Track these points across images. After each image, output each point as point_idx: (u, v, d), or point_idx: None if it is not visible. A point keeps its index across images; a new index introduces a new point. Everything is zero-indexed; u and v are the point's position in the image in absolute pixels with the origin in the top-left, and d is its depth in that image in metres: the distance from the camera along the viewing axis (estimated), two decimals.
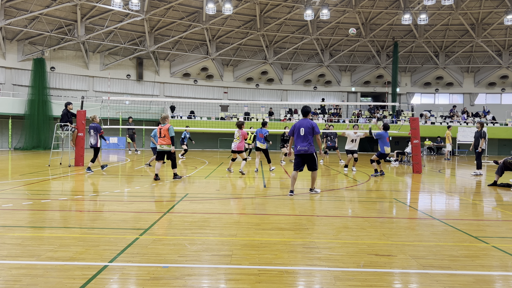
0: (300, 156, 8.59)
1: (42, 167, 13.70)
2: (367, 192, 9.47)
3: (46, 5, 27.03)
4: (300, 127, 8.53)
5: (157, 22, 31.13)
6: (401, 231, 5.51)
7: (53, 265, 3.87)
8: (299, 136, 8.53)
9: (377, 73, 36.36)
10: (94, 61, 31.71)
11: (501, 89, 36.14)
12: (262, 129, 13.78)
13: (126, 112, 28.89)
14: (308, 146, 8.45)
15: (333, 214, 6.63)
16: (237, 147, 12.67)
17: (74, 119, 14.67)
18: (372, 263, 4.14)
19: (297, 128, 8.58)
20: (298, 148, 8.54)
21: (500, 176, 10.97)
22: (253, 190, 9.20)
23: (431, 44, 35.04)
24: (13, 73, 28.74)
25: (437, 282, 3.67)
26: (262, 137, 13.65)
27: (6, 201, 7.08)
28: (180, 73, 34.32)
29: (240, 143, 12.65)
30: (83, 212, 6.48)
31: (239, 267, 3.93)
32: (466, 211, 7.30)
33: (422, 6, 30.32)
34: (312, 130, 8.46)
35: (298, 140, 8.55)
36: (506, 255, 4.53)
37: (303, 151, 8.50)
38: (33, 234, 5.01)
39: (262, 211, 6.76)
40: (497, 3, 31.09)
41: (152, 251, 4.35)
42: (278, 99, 36.27)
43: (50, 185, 9.34)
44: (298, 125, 8.61)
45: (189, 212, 6.56)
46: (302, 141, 8.48)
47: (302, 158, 8.59)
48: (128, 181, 10.56)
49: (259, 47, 34.62)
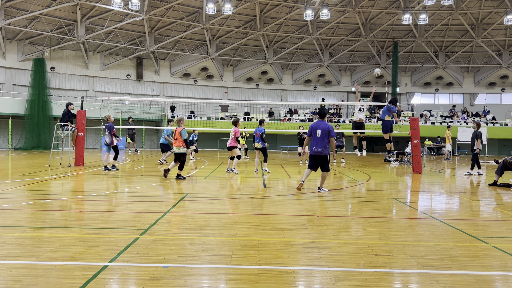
0: (314, 157, 8.90)
1: (42, 167, 13.70)
2: (367, 192, 9.47)
3: (46, 5, 27.03)
4: (317, 128, 8.77)
5: (157, 22, 31.13)
6: (401, 231, 5.51)
7: (53, 265, 3.87)
8: (316, 138, 8.78)
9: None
10: (94, 61, 31.71)
11: (501, 89, 36.14)
12: (258, 127, 13.42)
13: (126, 112, 28.88)
14: (323, 148, 8.74)
15: (333, 214, 6.63)
16: (229, 144, 12.69)
17: (74, 119, 14.68)
18: (372, 263, 4.15)
19: (314, 130, 8.81)
20: (313, 149, 8.83)
21: (500, 176, 10.97)
22: (253, 190, 9.20)
23: (431, 44, 35.04)
24: (13, 73, 28.74)
25: (437, 282, 3.67)
26: (257, 136, 13.30)
27: (6, 201, 7.08)
28: (180, 73, 34.32)
29: (232, 139, 12.69)
30: (83, 212, 6.48)
31: (239, 267, 3.93)
32: (466, 211, 7.30)
33: (422, 6, 30.32)
34: (328, 133, 8.73)
35: (314, 142, 8.83)
36: (506, 255, 4.53)
37: (318, 152, 8.79)
38: (33, 234, 5.01)
39: (262, 211, 6.76)
40: (497, 3, 31.09)
41: (152, 251, 4.35)
42: (278, 99, 36.26)
43: (50, 185, 9.34)
44: (315, 127, 8.84)
45: (189, 212, 6.56)
46: (318, 142, 8.75)
47: (316, 159, 8.90)
48: (128, 181, 10.56)
49: (259, 47, 34.62)
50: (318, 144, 8.73)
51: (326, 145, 8.77)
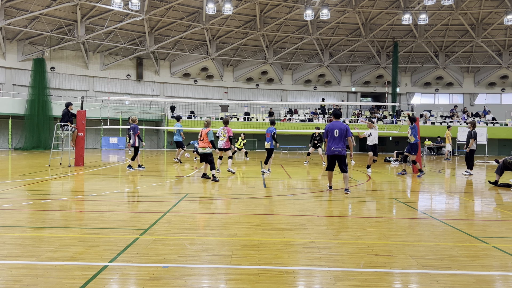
0: (333, 157, 8.99)
1: (42, 167, 13.70)
2: (367, 192, 9.47)
3: (46, 5, 27.03)
4: (334, 129, 8.85)
5: (157, 22, 31.13)
6: (401, 231, 5.51)
7: (53, 265, 3.87)
8: (334, 138, 8.85)
9: (377, 73, 36.36)
10: (94, 61, 31.71)
11: (501, 89, 36.13)
12: (269, 127, 13.29)
13: (126, 112, 28.87)
14: (341, 147, 8.84)
15: (333, 214, 6.63)
16: (224, 145, 12.69)
17: (74, 119, 14.68)
18: (372, 263, 4.15)
19: (331, 130, 8.88)
20: (332, 149, 8.89)
21: (500, 175, 10.97)
22: (253, 190, 9.20)
23: (431, 44, 35.04)
24: (13, 73, 28.74)
25: (437, 282, 3.67)
26: (269, 137, 13.18)
27: (6, 201, 7.08)
28: (180, 73, 34.32)
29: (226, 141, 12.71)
30: (83, 212, 6.48)
31: (239, 267, 3.93)
32: (466, 211, 7.30)
33: (422, 6, 30.31)
34: (346, 133, 8.84)
35: (332, 142, 8.88)
36: (506, 255, 4.53)
37: (337, 152, 8.86)
38: (33, 234, 5.01)
39: (262, 211, 6.76)
40: (497, 3, 31.09)
41: (152, 251, 4.35)
42: (278, 99, 36.26)
43: (50, 185, 9.34)
44: (331, 127, 8.92)
45: (189, 212, 6.56)
46: (336, 142, 8.83)
47: (334, 158, 9.00)
48: (128, 181, 10.56)
49: (259, 47, 34.62)
50: (337, 144, 8.82)
51: (343, 144, 8.88)
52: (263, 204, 7.40)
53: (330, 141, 8.89)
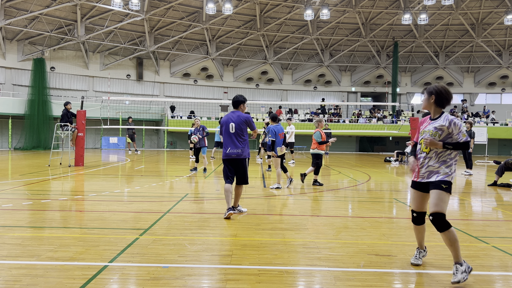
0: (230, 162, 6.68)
1: (42, 167, 13.70)
2: (367, 192, 9.47)
3: (46, 5, 27.02)
4: (229, 122, 6.53)
5: (157, 22, 31.12)
6: (401, 231, 5.51)
7: (53, 265, 3.87)
8: (229, 135, 7.71)
9: (377, 73, 36.35)
10: (94, 61, 31.70)
11: (501, 89, 36.13)
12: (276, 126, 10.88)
13: (126, 112, 28.85)
14: (241, 148, 6.53)
15: (333, 214, 6.62)
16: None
17: (74, 119, 14.69)
18: (372, 263, 4.14)
19: (225, 124, 6.81)
20: (228, 151, 6.57)
21: (500, 176, 10.97)
22: (253, 190, 9.20)
23: (431, 44, 35.03)
24: (13, 73, 28.73)
25: (437, 282, 3.67)
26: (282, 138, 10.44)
27: (6, 201, 7.08)
28: (180, 73, 34.31)
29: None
30: (83, 212, 6.48)
31: (239, 267, 3.93)
32: (466, 211, 7.30)
33: (422, 6, 30.31)
34: (246, 126, 7.38)
35: (228, 140, 7.02)
36: (506, 255, 4.53)
37: (234, 154, 6.56)
38: (33, 234, 5.01)
39: (262, 211, 6.76)
40: (497, 3, 31.08)
41: (152, 251, 4.35)
42: (278, 99, 36.25)
43: (50, 185, 9.34)
44: (226, 121, 6.66)
45: (189, 212, 6.56)
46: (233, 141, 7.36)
47: (231, 164, 6.60)
48: (128, 181, 10.56)
49: (259, 47, 34.61)
50: (234, 144, 6.47)
51: (245, 143, 6.63)
52: (263, 204, 7.40)
53: (226, 140, 6.43)
